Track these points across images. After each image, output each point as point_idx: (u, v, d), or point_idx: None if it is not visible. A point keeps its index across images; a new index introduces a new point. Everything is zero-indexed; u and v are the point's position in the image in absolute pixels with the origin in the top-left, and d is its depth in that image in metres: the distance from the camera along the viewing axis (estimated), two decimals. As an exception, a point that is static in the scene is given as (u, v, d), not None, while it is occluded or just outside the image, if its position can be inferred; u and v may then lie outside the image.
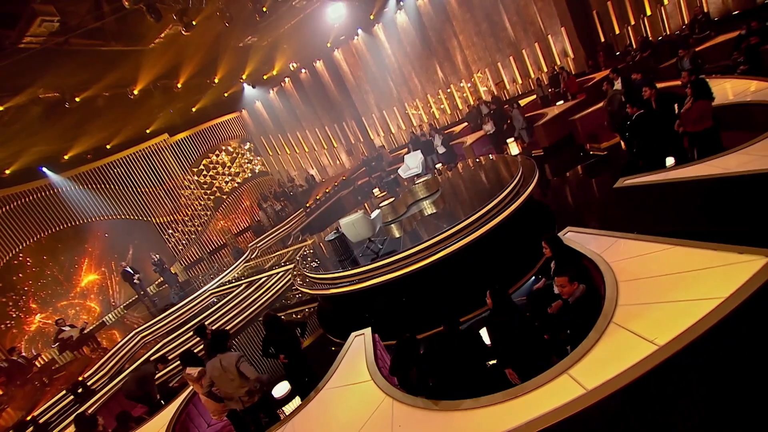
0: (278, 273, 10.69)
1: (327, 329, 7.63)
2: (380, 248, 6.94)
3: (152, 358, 6.94)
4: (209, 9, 9.55)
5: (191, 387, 5.00)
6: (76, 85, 10.98)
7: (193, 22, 8.90)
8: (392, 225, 8.06)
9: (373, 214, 6.99)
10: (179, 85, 13.79)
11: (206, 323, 8.32)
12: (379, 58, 17.29)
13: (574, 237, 4.17)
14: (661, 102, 5.71)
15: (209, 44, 12.99)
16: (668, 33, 11.69)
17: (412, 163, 10.06)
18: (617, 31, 12.61)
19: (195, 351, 5.51)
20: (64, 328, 10.07)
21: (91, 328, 12.30)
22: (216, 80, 15.23)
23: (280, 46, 16.40)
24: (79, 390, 7.68)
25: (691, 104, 5.11)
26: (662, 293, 2.90)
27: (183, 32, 9.04)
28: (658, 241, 3.44)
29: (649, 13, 11.93)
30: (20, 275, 13.01)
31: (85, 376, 8.22)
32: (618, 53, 12.49)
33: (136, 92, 12.46)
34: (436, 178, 9.17)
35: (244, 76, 16.90)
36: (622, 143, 7.95)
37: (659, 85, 7.59)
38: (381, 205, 8.20)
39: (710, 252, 3.03)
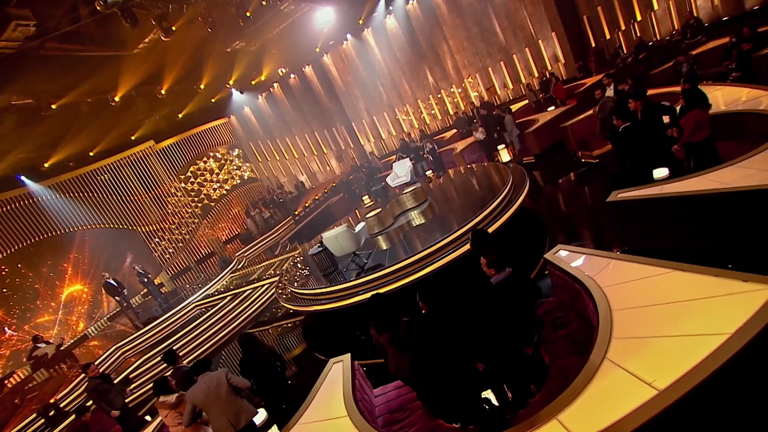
0: (264, 285, 10.36)
1: (312, 345, 7.33)
2: (365, 262, 6.67)
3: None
4: (190, 14, 9.26)
5: (159, 419, 4.68)
6: (53, 92, 10.61)
7: (173, 28, 8.58)
8: (379, 237, 7.78)
9: (358, 228, 6.72)
10: (163, 92, 13.45)
11: (174, 348, 7.96)
12: (369, 63, 17.08)
13: (565, 256, 3.92)
14: (648, 114, 5.50)
15: (194, 49, 12.70)
16: (659, 38, 11.60)
17: (401, 171, 9.80)
18: (608, 36, 12.51)
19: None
20: (39, 345, 9.66)
21: (69, 343, 11.84)
22: (201, 86, 14.93)
23: (269, 51, 16.15)
24: (51, 413, 7.28)
25: (686, 113, 4.90)
26: (661, 326, 2.65)
27: (162, 38, 8.72)
28: (655, 264, 3.19)
29: (639, 18, 11.84)
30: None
31: (58, 397, 7.82)
32: (608, 58, 12.38)
33: (117, 99, 12.10)
34: (425, 187, 8.91)
35: (231, 82, 16.61)
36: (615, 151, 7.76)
37: (652, 92, 7.44)
38: (367, 216, 7.93)
39: (712, 279, 2.78)
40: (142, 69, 12.04)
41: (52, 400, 7.67)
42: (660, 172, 5.31)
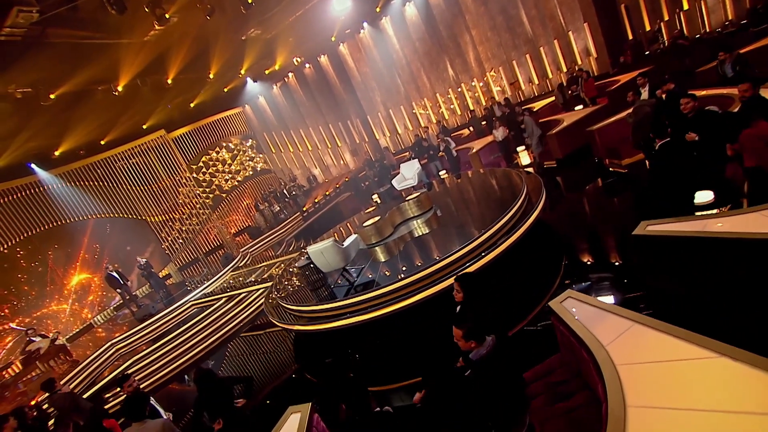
0: (259, 289, 9.89)
1: (301, 362, 6.77)
2: (354, 279, 6.02)
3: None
4: (186, 0, 8.66)
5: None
6: (51, 80, 10.33)
7: (166, 15, 8.04)
8: (377, 248, 7.11)
9: (347, 241, 6.05)
10: (170, 81, 13.06)
11: (130, 373, 7.46)
12: (386, 53, 16.24)
13: (573, 307, 3.13)
14: (700, 120, 4.54)
15: (204, 38, 12.23)
16: (708, 30, 10.29)
17: (408, 173, 9.05)
18: (647, 28, 11.24)
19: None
20: (33, 339, 9.51)
21: (68, 336, 11.77)
22: (211, 75, 14.48)
23: (284, 40, 15.52)
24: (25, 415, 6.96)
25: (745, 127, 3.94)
26: (697, 449, 1.87)
27: (156, 26, 8.21)
28: (693, 341, 2.38)
29: (686, 6, 10.53)
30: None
31: (39, 400, 7.57)
32: (648, 53, 11.12)
33: (119, 88, 11.78)
34: (433, 191, 8.15)
35: (242, 71, 16.10)
36: (647, 162, 6.77)
37: (698, 94, 6.39)
38: (364, 224, 7.25)
39: (775, 380, 1.97)
40: (150, 56, 11.64)
41: (33, 402, 7.44)
42: (703, 196, 4.40)
